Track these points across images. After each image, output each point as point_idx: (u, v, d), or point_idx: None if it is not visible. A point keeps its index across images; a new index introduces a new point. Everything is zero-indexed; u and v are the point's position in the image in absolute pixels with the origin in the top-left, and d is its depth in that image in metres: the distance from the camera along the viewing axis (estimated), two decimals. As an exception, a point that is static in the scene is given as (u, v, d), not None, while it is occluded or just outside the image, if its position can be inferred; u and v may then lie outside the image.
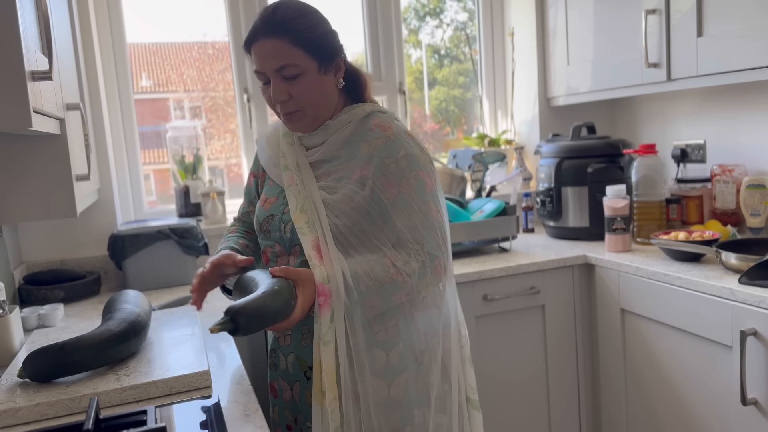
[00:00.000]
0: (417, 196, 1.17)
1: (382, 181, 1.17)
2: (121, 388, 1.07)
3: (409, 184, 1.17)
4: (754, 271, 1.50)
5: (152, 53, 2.49)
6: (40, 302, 1.83)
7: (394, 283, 1.13)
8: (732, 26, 1.70)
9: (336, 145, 1.24)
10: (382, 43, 2.53)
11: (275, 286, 1.06)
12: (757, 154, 2.03)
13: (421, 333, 1.20)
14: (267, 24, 1.17)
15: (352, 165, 1.20)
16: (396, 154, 1.18)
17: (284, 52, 1.17)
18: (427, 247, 1.17)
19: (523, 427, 2.02)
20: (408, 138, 1.22)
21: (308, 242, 1.15)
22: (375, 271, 1.13)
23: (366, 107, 1.27)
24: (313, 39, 1.18)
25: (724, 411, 1.58)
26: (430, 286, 1.19)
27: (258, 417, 1.01)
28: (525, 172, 2.62)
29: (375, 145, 1.19)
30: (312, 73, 1.19)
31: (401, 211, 1.17)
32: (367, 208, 1.17)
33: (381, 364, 1.17)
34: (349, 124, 1.24)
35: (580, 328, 2.04)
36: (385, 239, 1.17)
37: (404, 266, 1.14)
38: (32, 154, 1.31)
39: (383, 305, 1.14)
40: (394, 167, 1.18)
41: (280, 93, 1.19)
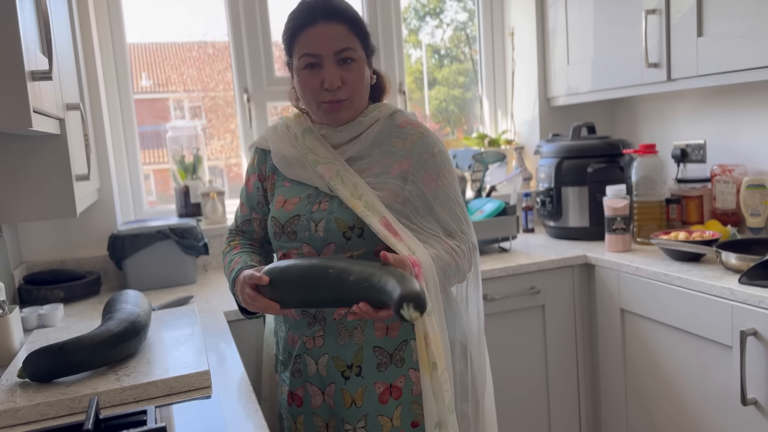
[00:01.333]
0: (453, 189, 1.26)
1: (422, 175, 1.23)
2: (121, 388, 1.07)
3: (445, 177, 1.25)
4: (754, 271, 1.50)
5: (152, 53, 2.49)
6: (40, 302, 1.83)
7: (456, 266, 1.20)
8: (732, 26, 1.70)
9: (367, 142, 1.26)
10: (382, 43, 2.53)
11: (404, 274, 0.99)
12: (757, 154, 2.03)
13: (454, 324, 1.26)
14: (328, 8, 1.19)
15: (389, 161, 1.24)
16: (432, 150, 1.25)
17: (346, 36, 1.19)
18: (468, 235, 1.26)
19: (523, 427, 2.02)
20: (435, 134, 1.30)
21: (376, 222, 1.14)
22: (441, 253, 1.18)
23: (390, 106, 1.32)
24: (365, 31, 1.24)
25: (724, 411, 1.58)
26: (469, 272, 1.27)
27: (258, 417, 1.01)
28: (525, 172, 2.62)
29: (411, 140, 1.25)
30: (363, 62, 1.23)
31: (443, 203, 1.24)
32: (412, 201, 1.22)
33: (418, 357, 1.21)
34: (377, 122, 1.27)
35: (580, 328, 2.04)
36: (435, 229, 1.23)
37: (458, 249, 1.22)
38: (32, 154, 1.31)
39: (444, 286, 1.19)
40: (431, 162, 1.24)
41: (336, 78, 1.18)
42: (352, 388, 1.21)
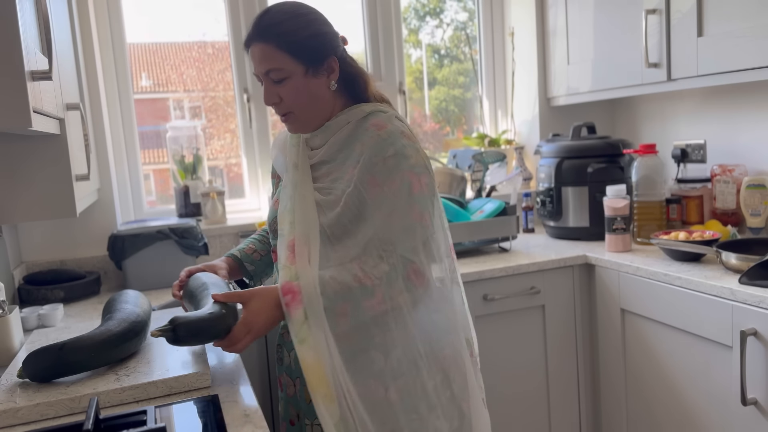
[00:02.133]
0: (399, 197, 1.13)
1: (368, 179, 1.14)
2: (121, 388, 1.07)
3: (394, 183, 1.14)
4: (754, 271, 1.50)
5: (152, 53, 2.49)
6: (40, 302, 1.83)
7: (363, 288, 1.10)
8: (732, 26, 1.70)
9: (335, 146, 1.23)
10: (382, 43, 2.53)
11: (223, 310, 1.10)
12: (757, 154, 2.03)
13: (421, 338, 1.17)
14: (256, 28, 1.20)
15: (346, 166, 1.20)
16: (384, 153, 1.15)
17: (270, 56, 1.18)
18: (400, 249, 1.12)
19: (523, 426, 2.02)
20: (402, 138, 1.17)
21: (284, 243, 1.16)
22: (342, 275, 1.10)
23: (366, 107, 1.25)
24: (298, 42, 1.18)
25: (724, 411, 1.58)
26: (403, 294, 1.13)
27: (258, 417, 1.01)
28: (525, 172, 2.62)
29: (367, 144, 1.17)
30: (298, 77, 1.19)
31: (380, 211, 1.13)
32: (350, 205, 1.16)
33: (379, 367, 1.15)
34: (348, 125, 1.23)
35: (580, 328, 2.04)
36: (362, 237, 1.15)
37: (372, 269, 1.11)
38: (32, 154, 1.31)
39: (354, 313, 1.11)
40: (381, 166, 1.14)
41: (271, 96, 1.21)
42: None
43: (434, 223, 1.17)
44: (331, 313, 1.09)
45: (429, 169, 1.19)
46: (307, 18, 1.21)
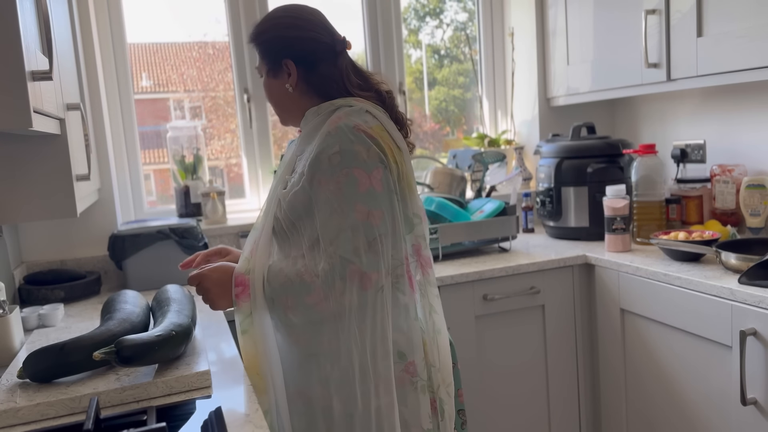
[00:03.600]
0: (343, 195, 1.10)
1: (315, 177, 1.13)
2: (121, 388, 1.07)
3: (337, 182, 1.10)
4: (753, 271, 1.50)
5: (152, 53, 2.49)
6: (41, 302, 1.83)
7: (303, 284, 1.10)
8: (732, 26, 1.70)
9: (304, 140, 1.25)
10: (382, 43, 2.53)
11: (172, 332, 1.16)
12: (757, 154, 2.03)
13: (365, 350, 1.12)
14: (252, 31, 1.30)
15: (302, 161, 1.21)
16: (329, 151, 1.12)
17: (259, 57, 1.28)
18: (341, 250, 1.09)
19: (523, 426, 2.02)
20: (351, 134, 1.13)
21: (252, 236, 1.21)
22: (288, 269, 1.14)
23: (337, 102, 1.22)
24: (263, 43, 1.27)
25: (724, 411, 1.58)
26: (345, 294, 1.09)
27: (258, 417, 1.01)
28: (525, 172, 2.62)
29: (319, 139, 1.16)
30: (266, 76, 1.29)
31: (322, 210, 1.11)
32: (296, 203, 1.17)
33: (326, 374, 1.15)
34: (317, 117, 1.24)
35: (580, 328, 2.04)
36: (309, 235, 1.16)
37: (314, 266, 1.11)
38: (32, 154, 1.31)
39: (297, 307, 1.12)
40: (326, 164, 1.12)
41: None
42: None
43: (387, 223, 1.12)
44: (278, 303, 1.13)
45: (382, 164, 1.13)
46: (272, 22, 1.25)
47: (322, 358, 1.16)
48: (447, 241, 2.01)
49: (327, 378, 1.15)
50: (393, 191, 1.15)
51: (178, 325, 1.19)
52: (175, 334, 1.16)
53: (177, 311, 1.26)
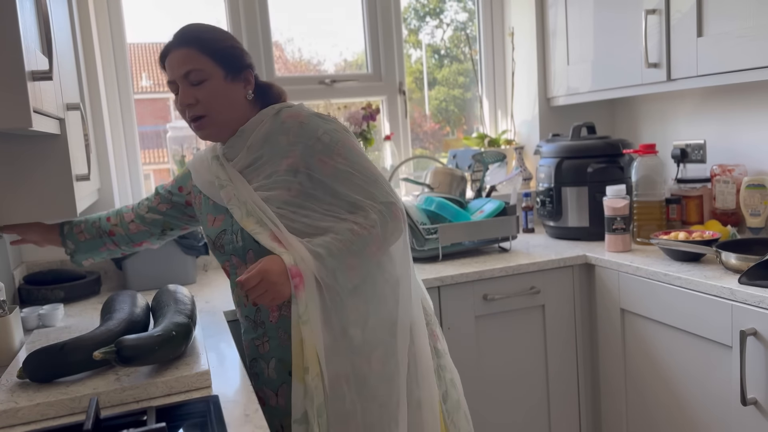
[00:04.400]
0: (351, 160, 1.24)
1: (315, 161, 1.23)
2: (121, 388, 1.07)
3: (340, 154, 1.24)
4: (754, 271, 1.50)
5: (152, 53, 2.48)
6: (40, 302, 1.83)
7: (362, 238, 1.19)
8: (732, 26, 1.70)
9: (256, 146, 1.28)
10: (382, 43, 2.53)
11: (173, 331, 1.15)
12: (757, 154, 2.03)
13: (389, 306, 1.25)
14: (178, 36, 1.29)
15: (276, 159, 1.26)
16: (316, 134, 1.25)
17: (192, 58, 1.26)
18: (379, 197, 1.23)
19: (523, 426, 2.02)
20: (320, 117, 1.28)
21: (266, 237, 1.20)
22: (341, 234, 1.19)
23: (276, 105, 1.32)
24: (220, 49, 1.28)
25: (724, 411, 1.58)
26: (395, 232, 1.25)
27: (258, 417, 1.01)
28: (525, 172, 2.62)
29: (293, 133, 1.25)
30: (218, 80, 1.27)
31: (343, 180, 1.23)
32: (309, 192, 1.24)
33: (358, 342, 1.21)
34: (262, 124, 1.29)
35: (580, 328, 2.04)
36: (338, 209, 1.23)
37: (365, 221, 1.21)
38: (32, 154, 1.31)
39: (361, 262, 1.20)
40: (320, 145, 1.24)
41: (187, 96, 1.28)
42: None
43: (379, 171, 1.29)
44: (341, 271, 1.17)
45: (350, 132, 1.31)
46: (226, 34, 1.33)
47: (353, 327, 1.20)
48: (447, 241, 2.01)
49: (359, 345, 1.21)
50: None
51: (178, 324, 1.19)
52: (175, 334, 1.15)
53: (177, 311, 1.26)
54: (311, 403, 1.14)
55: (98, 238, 1.49)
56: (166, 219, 1.49)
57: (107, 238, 1.50)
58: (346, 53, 2.58)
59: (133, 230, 1.50)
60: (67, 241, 1.50)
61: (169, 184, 1.51)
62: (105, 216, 1.52)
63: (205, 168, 1.37)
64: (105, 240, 1.50)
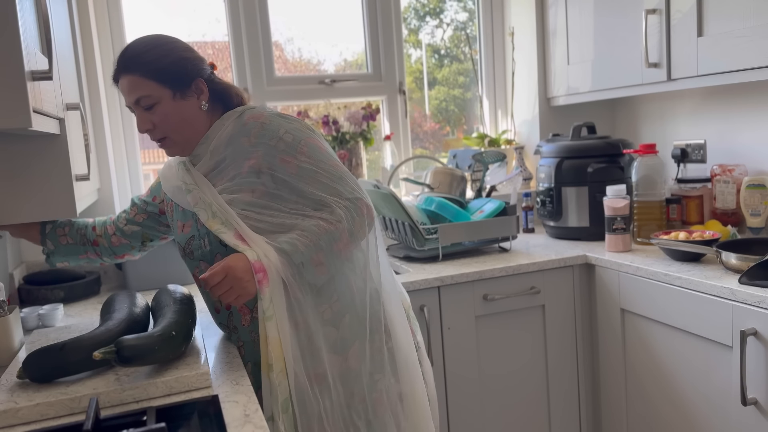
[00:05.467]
0: (316, 159, 1.24)
1: (278, 161, 1.23)
2: (121, 388, 1.07)
3: (303, 152, 1.23)
4: (754, 271, 1.50)
5: (152, 53, 2.48)
6: (40, 302, 1.83)
7: (329, 234, 1.19)
8: (732, 26, 1.70)
9: (218, 150, 1.28)
10: (382, 43, 2.53)
11: (173, 331, 1.15)
12: (757, 154, 2.03)
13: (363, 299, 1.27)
14: (120, 62, 1.26)
15: (238, 161, 1.25)
16: (277, 134, 1.24)
17: (137, 85, 1.24)
18: (345, 194, 1.23)
19: (523, 427, 2.02)
20: (282, 117, 1.28)
21: (230, 236, 1.21)
22: (307, 230, 1.19)
23: (238, 109, 1.32)
24: (162, 69, 1.25)
25: (724, 411, 1.58)
26: (363, 228, 1.24)
27: (258, 417, 1.01)
28: (525, 172, 2.62)
29: (254, 134, 1.25)
30: (167, 101, 1.26)
31: (308, 178, 1.22)
32: (272, 192, 1.23)
33: (333, 340, 1.23)
34: (224, 127, 1.29)
35: (580, 328, 2.04)
36: (304, 208, 1.23)
37: (331, 216, 1.21)
38: (32, 154, 1.31)
39: (329, 259, 1.20)
40: (283, 145, 1.23)
41: (144, 123, 1.27)
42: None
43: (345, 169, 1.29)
44: (309, 265, 1.18)
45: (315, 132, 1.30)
46: (167, 47, 1.28)
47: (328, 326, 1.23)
48: (447, 241, 2.01)
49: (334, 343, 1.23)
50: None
51: (178, 324, 1.19)
52: (175, 334, 1.15)
53: (177, 311, 1.25)
54: (276, 400, 1.15)
55: (81, 245, 1.48)
56: (144, 230, 1.49)
57: (90, 248, 1.49)
58: (346, 53, 2.58)
59: (115, 243, 1.49)
60: (47, 241, 1.47)
61: (144, 195, 1.51)
62: (91, 225, 1.50)
63: (173, 174, 1.36)
64: (87, 249, 1.49)
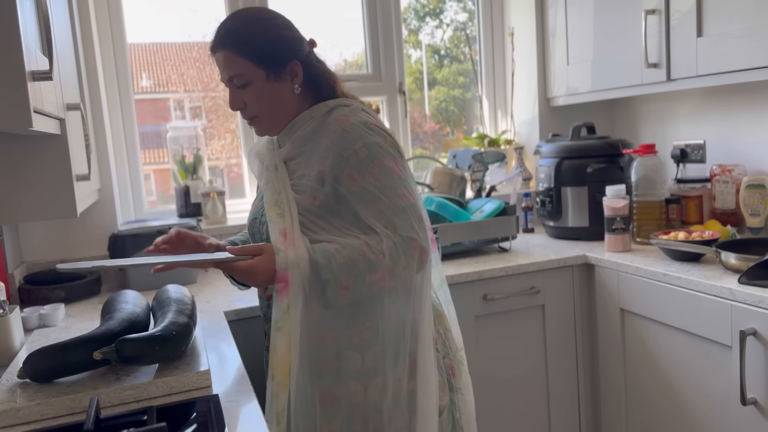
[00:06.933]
0: (381, 184, 1.15)
1: (345, 175, 1.16)
2: (121, 388, 1.07)
3: (372, 173, 1.16)
4: (753, 271, 1.50)
5: (152, 53, 2.49)
6: (41, 302, 1.84)
7: (367, 262, 1.11)
8: (732, 26, 1.70)
9: (299, 143, 1.25)
10: (382, 43, 2.53)
11: (174, 332, 1.15)
12: (757, 154, 2.03)
13: (397, 334, 1.19)
14: (218, 35, 1.23)
15: (311, 161, 1.21)
16: (353, 146, 1.17)
17: (232, 62, 1.21)
18: (400, 230, 1.14)
19: (523, 427, 2.02)
20: (367, 128, 1.19)
21: (275, 229, 1.16)
22: (347, 249, 1.12)
23: (330, 103, 1.27)
24: (258, 48, 1.21)
25: (724, 411, 1.58)
26: (407, 269, 1.15)
27: (258, 417, 1.01)
28: (525, 172, 2.62)
29: (331, 139, 1.19)
30: (260, 82, 1.22)
31: (367, 202, 1.15)
32: (332, 206, 1.18)
33: (357, 367, 1.17)
34: (311, 121, 1.25)
35: (580, 328, 2.05)
36: (355, 230, 1.16)
37: (377, 245, 1.13)
38: (32, 154, 1.31)
39: (357, 287, 1.12)
40: (355, 159, 1.16)
41: (236, 101, 1.25)
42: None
43: (418, 201, 1.20)
44: (334, 284, 1.11)
45: (400, 152, 1.22)
46: (266, 24, 1.23)
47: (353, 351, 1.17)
48: (447, 241, 2.01)
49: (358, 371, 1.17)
50: (411, 173, 1.24)
51: (178, 324, 1.19)
52: (175, 334, 1.15)
53: (178, 311, 1.26)
54: (272, 408, 1.12)
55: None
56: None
57: None
58: (346, 53, 2.59)
59: None
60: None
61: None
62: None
63: (262, 144, 1.35)
64: None
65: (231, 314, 1.65)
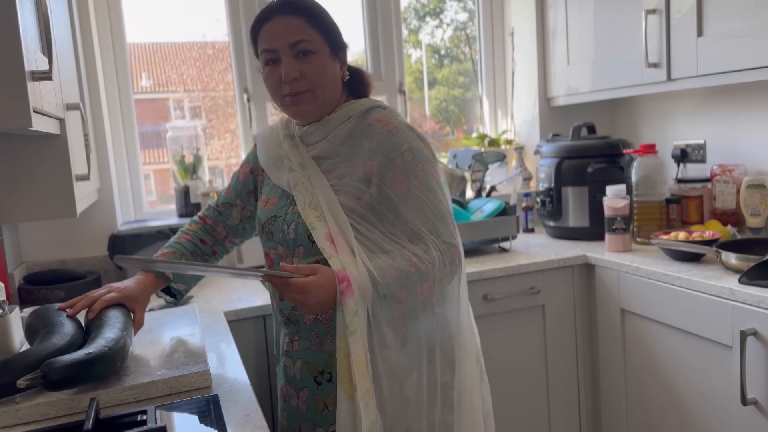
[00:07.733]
0: (426, 188, 1.17)
1: (390, 176, 1.17)
2: (121, 388, 1.07)
3: (417, 177, 1.17)
4: (754, 271, 1.50)
5: (152, 53, 2.49)
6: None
7: (419, 272, 1.11)
8: (732, 26, 1.70)
9: (337, 141, 1.23)
10: (382, 43, 2.53)
11: (107, 350, 1.05)
12: (757, 154, 2.03)
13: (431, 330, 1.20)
14: (284, 3, 1.19)
15: (355, 162, 1.20)
16: (400, 148, 1.18)
17: (301, 28, 1.18)
18: (443, 236, 1.16)
19: (523, 426, 2.02)
20: (410, 131, 1.21)
21: (321, 234, 1.13)
22: (398, 262, 1.11)
23: (366, 102, 1.26)
24: (328, 23, 1.22)
25: (724, 411, 1.58)
26: (449, 276, 1.18)
27: (258, 417, 1.01)
28: (525, 172, 2.62)
29: (377, 140, 1.19)
30: (325, 54, 1.20)
31: (412, 205, 1.16)
32: (375, 205, 1.17)
33: (391, 364, 1.15)
34: (349, 120, 1.23)
35: (580, 328, 2.04)
36: (399, 233, 1.16)
37: (425, 255, 1.13)
38: (32, 154, 1.31)
39: (409, 298, 1.12)
40: (400, 161, 1.17)
41: (292, 69, 1.18)
42: (324, 393, 1.22)
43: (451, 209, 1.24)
44: (389, 300, 1.09)
45: (436, 158, 1.25)
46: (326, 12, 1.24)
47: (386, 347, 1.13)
48: (447, 241, 2.01)
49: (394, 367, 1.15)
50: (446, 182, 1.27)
51: (111, 340, 1.10)
52: (108, 353, 1.06)
53: (111, 326, 1.16)
54: (361, 424, 1.05)
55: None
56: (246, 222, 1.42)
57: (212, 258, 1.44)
58: (346, 53, 2.58)
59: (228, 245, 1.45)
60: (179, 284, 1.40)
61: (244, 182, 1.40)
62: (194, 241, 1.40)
63: (276, 144, 1.30)
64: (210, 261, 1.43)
65: (231, 314, 1.65)
